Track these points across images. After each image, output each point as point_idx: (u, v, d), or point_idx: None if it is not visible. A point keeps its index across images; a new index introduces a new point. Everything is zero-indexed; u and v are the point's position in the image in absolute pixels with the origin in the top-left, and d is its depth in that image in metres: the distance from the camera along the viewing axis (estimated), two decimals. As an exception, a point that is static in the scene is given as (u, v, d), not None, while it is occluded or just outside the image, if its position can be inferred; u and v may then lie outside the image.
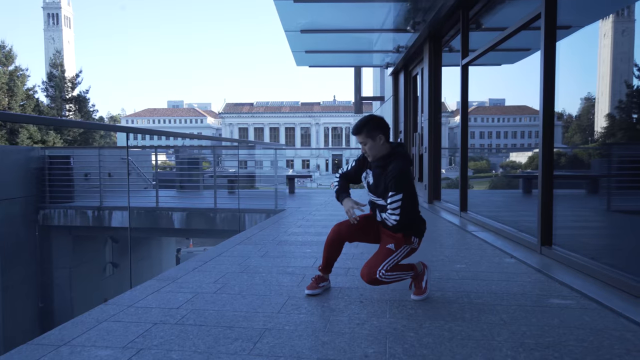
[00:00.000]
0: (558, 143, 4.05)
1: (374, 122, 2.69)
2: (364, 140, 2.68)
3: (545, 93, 3.78)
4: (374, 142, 2.67)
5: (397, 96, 10.86)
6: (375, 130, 2.66)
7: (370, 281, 2.64)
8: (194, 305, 2.67)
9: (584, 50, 3.81)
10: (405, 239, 2.72)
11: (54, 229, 8.13)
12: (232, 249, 4.32)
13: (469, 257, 3.81)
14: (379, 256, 2.69)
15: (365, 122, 2.69)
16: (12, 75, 30.84)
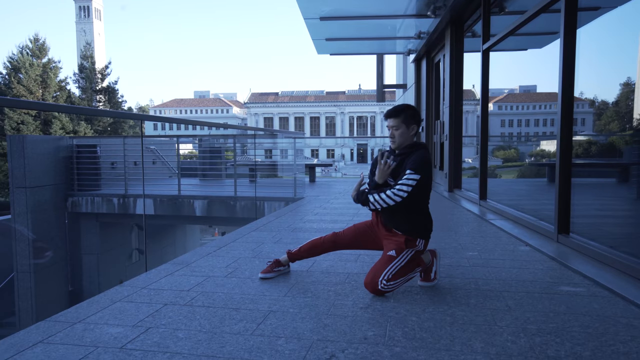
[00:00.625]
0: (589, 131, 3.94)
1: (413, 111, 2.67)
2: (397, 125, 2.62)
3: (564, 80, 3.67)
4: (407, 130, 2.64)
5: (419, 83, 10.71)
6: (412, 119, 2.65)
7: (373, 292, 2.53)
8: (204, 288, 2.74)
9: (621, 32, 3.63)
10: (408, 242, 2.61)
11: (82, 215, 8.44)
12: (247, 235, 4.40)
13: (482, 245, 3.77)
14: (380, 264, 2.57)
15: (404, 108, 2.67)
16: (45, 67, 31.81)
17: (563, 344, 1.87)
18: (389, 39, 9.59)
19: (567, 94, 3.68)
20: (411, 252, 2.62)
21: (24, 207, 7.52)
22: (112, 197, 8.26)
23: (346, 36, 9.11)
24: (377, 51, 11.67)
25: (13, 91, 30.30)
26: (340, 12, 7.45)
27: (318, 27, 8.28)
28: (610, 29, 3.64)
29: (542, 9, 4.11)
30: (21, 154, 7.41)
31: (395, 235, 2.67)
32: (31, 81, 30.38)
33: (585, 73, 3.69)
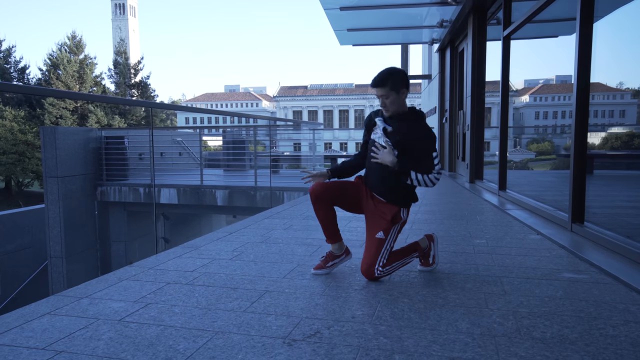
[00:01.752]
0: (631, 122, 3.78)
1: (399, 75, 2.51)
2: (386, 94, 2.48)
3: (579, 70, 3.56)
4: (398, 96, 2.50)
5: (443, 73, 10.54)
6: (400, 83, 2.49)
7: (371, 279, 2.54)
8: (208, 269, 2.83)
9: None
10: (394, 218, 2.54)
11: (111, 204, 8.77)
12: (259, 222, 4.48)
13: (492, 233, 3.71)
14: (371, 249, 2.54)
15: (390, 73, 2.50)
16: (82, 63, 33.01)
17: (551, 327, 1.85)
18: (412, 29, 9.48)
19: (582, 84, 3.57)
20: (397, 228, 2.59)
21: (56, 195, 7.88)
22: (138, 186, 8.54)
23: (368, 26, 9.06)
24: (400, 41, 11.54)
25: (52, 86, 31.58)
26: (360, 2, 7.41)
27: (339, 17, 8.27)
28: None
29: (560, -9, 3.98)
30: (53, 145, 7.76)
31: (380, 207, 2.58)
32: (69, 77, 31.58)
33: (628, 61, 3.50)
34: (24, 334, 1.89)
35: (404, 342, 1.75)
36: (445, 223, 4.22)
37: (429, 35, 10.06)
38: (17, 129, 29.92)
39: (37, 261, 9.04)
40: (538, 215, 4.41)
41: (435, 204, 5.42)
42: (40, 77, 34.12)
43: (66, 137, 8.02)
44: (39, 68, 34.11)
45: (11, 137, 29.84)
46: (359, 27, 9.06)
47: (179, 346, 1.76)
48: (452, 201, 5.70)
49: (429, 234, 2.81)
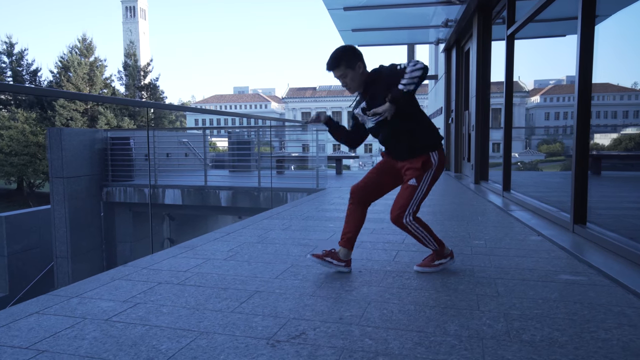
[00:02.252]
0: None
1: (350, 51, 2.51)
2: (343, 73, 2.50)
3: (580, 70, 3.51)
4: (355, 72, 2.50)
5: (449, 73, 10.46)
6: (353, 59, 2.49)
7: (395, 223, 2.56)
8: (201, 269, 2.82)
9: None
10: (425, 165, 2.50)
11: (116, 205, 8.82)
12: (258, 222, 4.47)
13: (492, 235, 3.66)
14: (403, 196, 2.52)
15: (342, 52, 2.50)
16: (92, 65, 33.34)
17: (542, 329, 1.80)
18: (417, 28, 9.41)
19: (583, 85, 3.51)
20: (431, 173, 2.53)
21: (62, 196, 7.94)
22: (143, 187, 8.58)
23: (372, 26, 9.01)
24: (406, 41, 11.48)
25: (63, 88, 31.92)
26: (364, 2, 7.38)
27: (343, 17, 8.24)
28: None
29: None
30: (59, 146, 7.83)
31: (412, 162, 2.54)
32: (79, 79, 31.92)
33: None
34: (10, 333, 1.89)
35: (389, 344, 1.72)
36: (445, 224, 4.17)
37: (435, 35, 9.99)
38: (29, 130, 30.31)
39: (44, 261, 9.12)
40: (541, 216, 4.34)
41: (437, 205, 5.36)
42: (52, 80, 34.53)
43: (72, 138, 8.09)
44: (50, 70, 34.50)
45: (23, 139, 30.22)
46: (364, 28, 9.02)
47: (162, 346, 1.75)
48: (455, 202, 5.64)
49: (452, 251, 2.74)
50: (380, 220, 4.38)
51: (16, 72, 34.94)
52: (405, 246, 3.33)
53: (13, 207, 32.54)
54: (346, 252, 2.69)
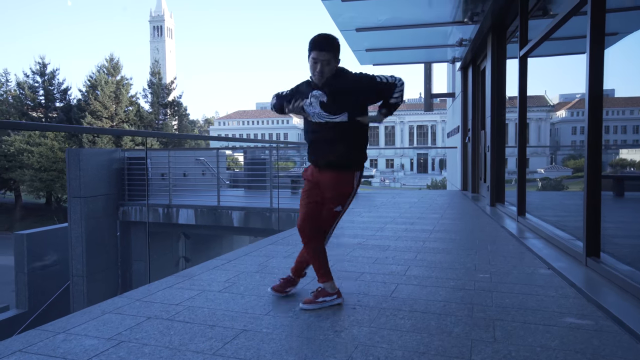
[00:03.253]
0: None
1: (338, 44, 2.55)
2: (328, 59, 2.49)
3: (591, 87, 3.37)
4: (335, 64, 2.56)
5: (465, 92, 10.32)
6: (339, 51, 2.56)
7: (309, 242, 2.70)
8: (193, 302, 2.78)
9: None
10: (347, 187, 2.65)
11: (132, 224, 8.93)
12: (262, 248, 4.42)
13: (499, 267, 3.51)
14: (327, 219, 2.69)
15: (335, 41, 2.53)
16: (118, 84, 34.38)
17: (534, 386, 1.68)
18: (431, 48, 9.34)
19: (594, 102, 3.37)
20: (353, 195, 2.71)
21: (79, 215, 8.09)
22: (157, 207, 8.67)
23: (386, 46, 9.00)
24: (421, 60, 11.41)
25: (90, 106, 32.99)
26: (375, 23, 7.37)
27: (356, 38, 8.25)
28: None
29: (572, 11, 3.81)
30: (77, 166, 8.01)
31: (337, 180, 2.63)
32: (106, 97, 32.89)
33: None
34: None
35: (367, 399, 1.62)
36: (453, 253, 4.03)
37: (451, 53, 9.89)
38: (57, 147, 31.30)
39: (63, 278, 9.27)
40: (554, 245, 4.16)
41: (448, 231, 5.22)
42: (80, 98, 35.71)
43: (90, 158, 8.27)
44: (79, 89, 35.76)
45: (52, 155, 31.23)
46: (378, 47, 9.01)
47: (133, 394, 1.69)
48: (467, 228, 5.49)
49: (339, 293, 2.72)
50: (384, 248, 4.27)
51: (48, 91, 36.32)
52: (407, 279, 3.22)
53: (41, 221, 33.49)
54: (331, 284, 2.69)
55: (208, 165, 11.47)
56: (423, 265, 3.59)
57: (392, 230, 5.29)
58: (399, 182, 69.12)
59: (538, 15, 5.66)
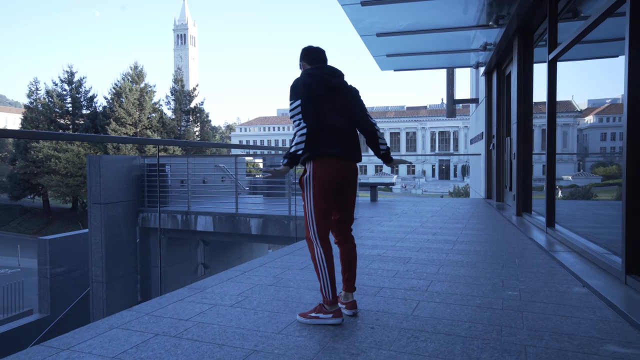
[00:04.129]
0: None
1: (301, 52, 2.75)
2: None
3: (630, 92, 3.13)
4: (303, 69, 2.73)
5: (490, 98, 10.04)
6: (300, 59, 2.75)
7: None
8: (204, 318, 2.65)
9: None
10: (300, 179, 2.60)
11: (152, 230, 8.93)
12: (278, 259, 4.28)
13: (528, 283, 3.28)
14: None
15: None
16: (142, 91, 35.01)
17: None
18: (454, 52, 9.11)
19: (634, 105, 3.13)
20: (308, 188, 2.56)
21: (99, 221, 8.13)
22: (176, 213, 8.65)
23: (407, 51, 8.81)
24: (443, 65, 11.15)
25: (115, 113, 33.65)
26: (395, 28, 7.21)
27: (377, 43, 8.10)
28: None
29: (607, 12, 3.58)
30: (98, 172, 8.06)
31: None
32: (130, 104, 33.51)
33: None
34: (-17, 396, 1.77)
35: None
36: (477, 267, 3.82)
37: (475, 58, 9.64)
38: (83, 153, 31.99)
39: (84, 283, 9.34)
40: (588, 260, 3.90)
41: (472, 242, 4.99)
42: (105, 105, 36.49)
43: (110, 165, 8.32)
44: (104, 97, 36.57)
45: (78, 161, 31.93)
46: (399, 53, 8.84)
47: None
48: (492, 239, 5.24)
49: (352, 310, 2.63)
50: (405, 260, 4.08)
51: (75, 99, 37.25)
52: (429, 295, 3.03)
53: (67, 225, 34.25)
54: (330, 303, 2.54)
55: (227, 171, 11.45)
56: (446, 280, 3.39)
57: (414, 241, 5.09)
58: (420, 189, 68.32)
59: (568, 17, 5.41)
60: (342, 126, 2.60)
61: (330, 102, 2.57)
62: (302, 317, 2.57)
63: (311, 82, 2.55)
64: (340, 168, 2.55)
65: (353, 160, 2.64)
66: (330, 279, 2.52)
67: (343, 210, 2.69)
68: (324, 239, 2.55)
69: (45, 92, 36.89)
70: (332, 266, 2.53)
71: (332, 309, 2.52)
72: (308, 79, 2.56)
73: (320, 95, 2.55)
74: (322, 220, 2.54)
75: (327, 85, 2.59)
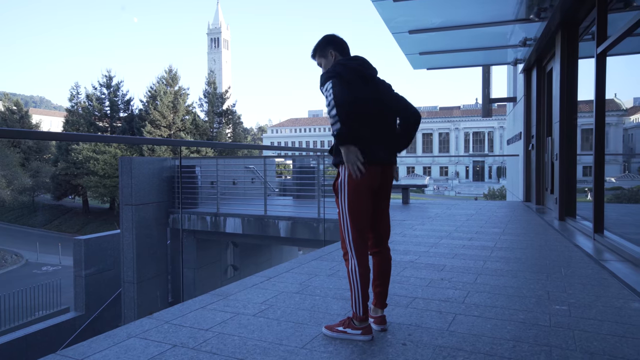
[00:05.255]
0: None
1: (325, 39, 2.49)
2: (319, 62, 2.53)
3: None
4: (328, 59, 2.47)
5: (529, 96, 9.57)
6: (326, 46, 2.47)
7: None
8: (224, 328, 2.51)
9: None
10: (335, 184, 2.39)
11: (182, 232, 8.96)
12: (305, 264, 4.12)
13: (578, 297, 2.99)
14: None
15: (317, 42, 2.51)
16: (176, 94, 35.73)
17: None
18: (492, 49, 8.72)
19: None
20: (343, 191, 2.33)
21: (131, 222, 8.21)
22: (205, 215, 8.65)
23: (441, 49, 8.49)
24: (479, 63, 10.73)
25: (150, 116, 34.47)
26: (428, 24, 6.94)
27: (409, 41, 7.84)
28: None
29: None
30: (129, 174, 8.14)
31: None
32: (164, 107, 34.25)
33: None
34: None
35: None
36: (519, 276, 3.54)
37: (513, 55, 9.21)
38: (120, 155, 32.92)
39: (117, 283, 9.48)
40: (644, 270, 3.54)
41: (512, 249, 4.68)
42: (141, 108, 37.47)
43: (142, 166, 8.39)
44: (140, 100, 37.52)
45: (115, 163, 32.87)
46: (432, 50, 8.53)
47: None
48: (534, 245, 4.91)
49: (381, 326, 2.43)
50: (439, 268, 3.84)
51: (113, 102, 38.42)
52: (466, 308, 2.79)
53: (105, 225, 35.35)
54: (360, 319, 2.33)
55: (258, 173, 11.41)
56: (485, 291, 3.14)
57: (448, 247, 4.82)
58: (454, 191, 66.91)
59: (618, 8, 5.03)
60: (383, 123, 2.37)
61: (371, 96, 2.34)
62: (329, 330, 2.39)
63: (353, 74, 2.32)
64: (377, 173, 2.32)
65: (392, 162, 2.41)
66: (362, 295, 2.29)
67: (381, 220, 2.47)
68: (360, 251, 2.31)
69: (85, 96, 38.22)
70: (366, 281, 2.30)
71: (362, 325, 2.32)
72: (347, 71, 2.30)
73: (362, 88, 2.33)
74: (360, 229, 2.32)
75: (367, 77, 2.38)
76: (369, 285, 2.33)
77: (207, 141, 19.69)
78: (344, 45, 2.50)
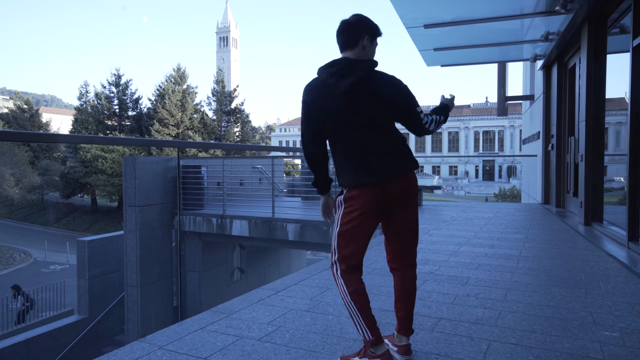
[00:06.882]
0: None
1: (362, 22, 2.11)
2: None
3: None
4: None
5: (548, 94, 9.16)
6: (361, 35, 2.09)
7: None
8: (225, 356, 2.20)
9: None
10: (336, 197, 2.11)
11: (187, 234, 8.69)
12: (316, 275, 3.80)
13: (628, 320, 2.63)
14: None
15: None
16: (184, 92, 35.58)
17: None
18: (509, 44, 8.33)
19: None
20: (339, 214, 2.05)
21: (134, 224, 7.94)
22: (211, 217, 8.36)
23: (457, 44, 8.12)
24: (496, 59, 10.33)
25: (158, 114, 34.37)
26: (445, 17, 6.58)
27: (423, 36, 7.48)
28: None
29: None
30: (133, 175, 7.87)
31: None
32: (172, 105, 34.11)
33: None
34: None
35: None
36: (553, 292, 3.18)
37: (531, 50, 8.80)
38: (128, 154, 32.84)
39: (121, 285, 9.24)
40: (694, 287, 3.17)
41: (539, 258, 4.31)
42: (150, 107, 37.37)
43: (146, 166, 8.12)
44: (148, 98, 37.40)
45: (123, 161, 32.78)
46: (447, 46, 8.16)
47: None
48: (560, 253, 4.54)
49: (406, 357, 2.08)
50: (463, 281, 3.49)
51: (121, 100, 38.36)
52: (500, 333, 2.45)
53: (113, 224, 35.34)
54: (373, 344, 1.99)
55: (265, 173, 11.11)
56: (519, 311, 2.79)
57: (469, 255, 4.47)
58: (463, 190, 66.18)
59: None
60: (372, 137, 2.01)
61: (349, 111, 1.99)
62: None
63: (315, 98, 2.04)
64: (375, 195, 1.98)
65: (397, 173, 2.02)
66: (362, 316, 1.96)
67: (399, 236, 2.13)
68: (345, 268, 2.01)
69: (94, 95, 38.21)
70: (360, 299, 1.97)
71: (379, 351, 1.98)
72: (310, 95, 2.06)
73: (332, 111, 2.01)
74: (346, 256, 2.00)
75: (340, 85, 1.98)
76: (366, 301, 1.99)
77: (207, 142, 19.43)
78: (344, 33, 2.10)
